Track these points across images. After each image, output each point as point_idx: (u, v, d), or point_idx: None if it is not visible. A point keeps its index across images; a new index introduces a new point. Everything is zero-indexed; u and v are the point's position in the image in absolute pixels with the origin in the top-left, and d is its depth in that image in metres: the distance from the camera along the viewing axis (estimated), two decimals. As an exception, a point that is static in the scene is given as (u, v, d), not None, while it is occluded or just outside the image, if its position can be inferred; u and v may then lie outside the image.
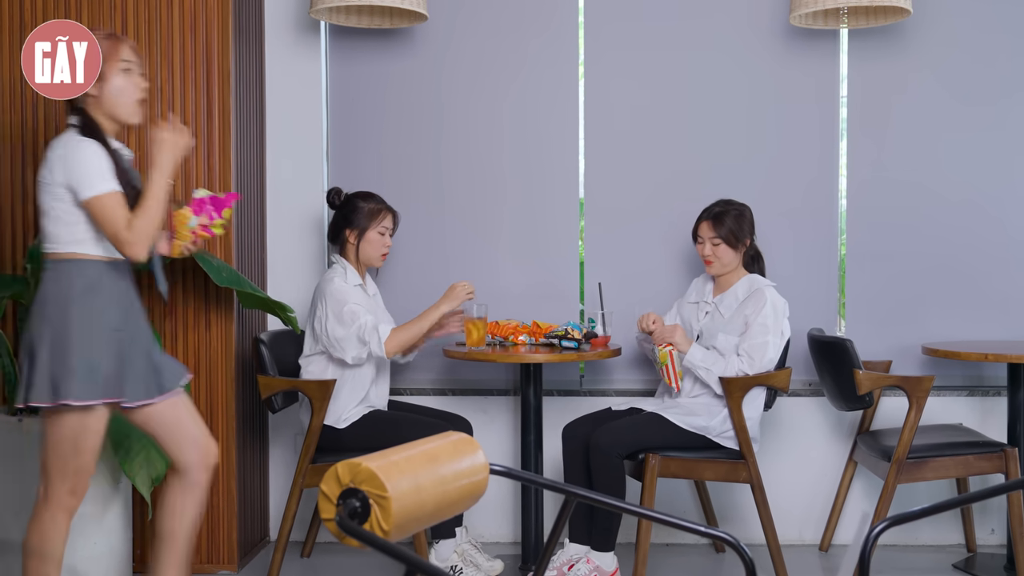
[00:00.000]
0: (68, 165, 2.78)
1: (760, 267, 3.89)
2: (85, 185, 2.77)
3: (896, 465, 3.64)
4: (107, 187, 2.77)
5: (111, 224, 2.77)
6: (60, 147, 2.83)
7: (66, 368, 2.75)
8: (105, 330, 2.80)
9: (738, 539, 1.87)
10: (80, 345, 2.77)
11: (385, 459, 1.62)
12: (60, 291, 2.80)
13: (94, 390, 2.77)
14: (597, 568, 3.60)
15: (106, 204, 2.77)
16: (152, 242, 2.83)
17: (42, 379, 2.75)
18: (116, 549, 3.50)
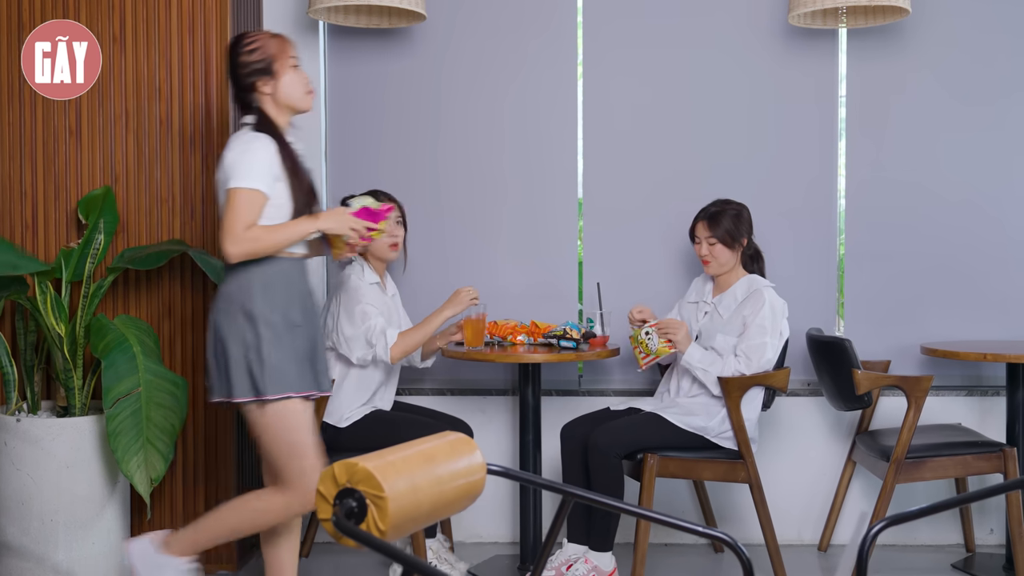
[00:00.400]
0: (236, 156, 2.89)
1: (760, 267, 3.88)
2: (235, 175, 2.87)
3: (895, 465, 3.64)
4: (253, 184, 2.86)
5: (234, 217, 2.84)
6: (236, 142, 2.94)
7: (260, 363, 2.85)
8: (289, 325, 2.91)
9: (736, 539, 1.87)
10: (269, 340, 2.85)
11: (382, 459, 1.62)
12: (244, 288, 2.90)
13: (289, 383, 2.88)
14: (595, 568, 3.60)
15: (243, 198, 2.85)
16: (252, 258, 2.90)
17: (240, 376, 2.87)
18: (115, 549, 3.51)
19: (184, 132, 3.80)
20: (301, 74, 3.08)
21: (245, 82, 3.04)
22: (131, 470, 3.33)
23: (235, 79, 3.06)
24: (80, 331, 3.53)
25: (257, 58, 3.03)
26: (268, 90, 3.03)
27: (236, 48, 3.06)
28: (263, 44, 3.05)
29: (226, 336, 2.90)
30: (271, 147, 2.93)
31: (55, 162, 3.80)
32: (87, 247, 3.64)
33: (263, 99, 3.03)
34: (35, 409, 3.58)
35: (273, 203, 2.92)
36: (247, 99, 3.05)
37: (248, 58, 3.03)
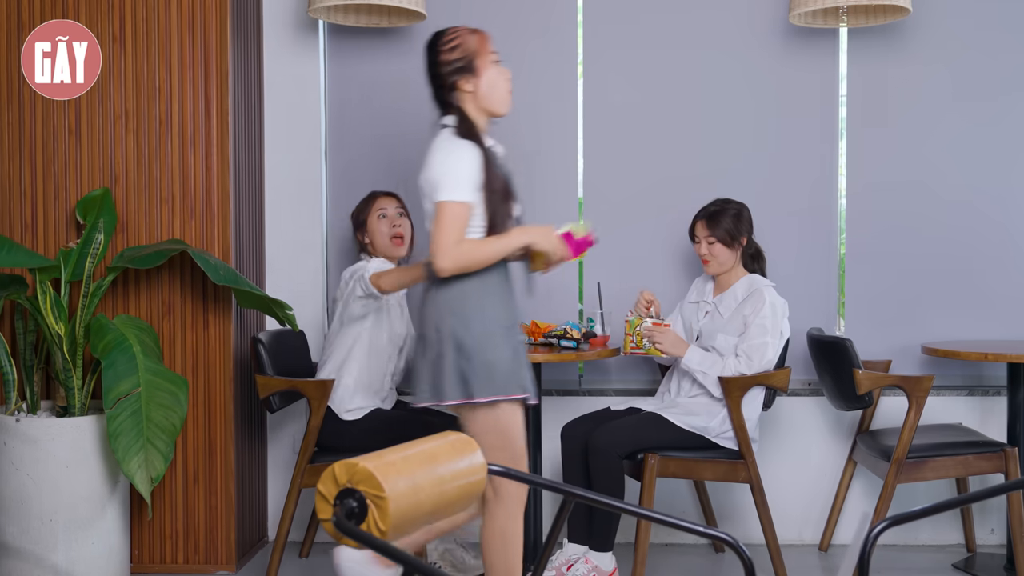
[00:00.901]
0: (443, 165, 2.83)
1: (761, 266, 3.88)
2: (445, 187, 2.81)
3: (896, 465, 3.64)
4: (462, 196, 2.81)
5: (446, 232, 2.78)
6: (441, 150, 2.88)
7: (472, 366, 2.79)
8: (500, 327, 2.85)
9: (737, 539, 1.87)
10: (481, 343, 2.81)
11: (382, 459, 1.61)
12: (455, 292, 2.84)
13: (498, 386, 2.81)
14: (595, 568, 3.59)
15: (455, 212, 2.80)
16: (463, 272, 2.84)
17: (452, 379, 2.80)
18: (114, 549, 3.50)
19: (184, 132, 3.80)
20: (504, 71, 3.02)
21: (447, 81, 2.95)
22: (132, 470, 3.32)
23: (435, 78, 2.98)
24: (80, 331, 3.53)
25: (458, 56, 2.96)
26: (470, 88, 2.95)
27: (435, 46, 2.99)
28: (463, 40, 2.99)
29: (441, 340, 2.83)
30: (476, 155, 2.86)
31: (55, 162, 3.80)
32: (87, 247, 3.63)
33: (464, 98, 2.95)
34: (35, 409, 3.57)
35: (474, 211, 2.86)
36: (448, 99, 2.97)
37: (448, 56, 2.96)
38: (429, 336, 2.86)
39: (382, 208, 3.80)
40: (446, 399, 2.82)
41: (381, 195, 3.84)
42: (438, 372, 2.83)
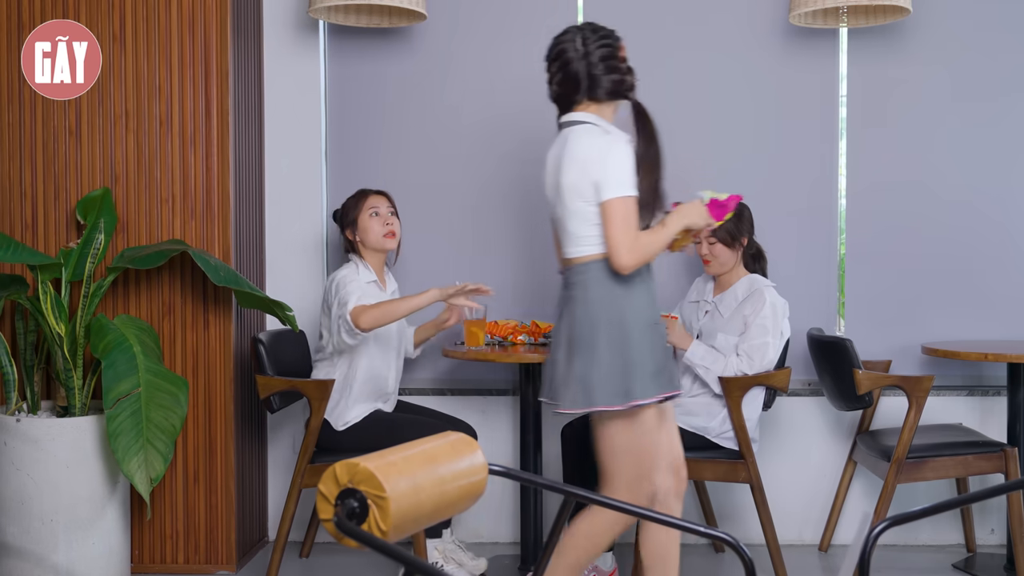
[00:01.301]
0: (606, 163, 2.76)
1: (762, 266, 3.88)
2: (615, 183, 2.76)
3: (896, 465, 3.64)
4: (631, 191, 2.77)
5: (625, 229, 2.75)
6: (591, 147, 2.80)
7: (632, 369, 2.75)
8: (649, 325, 2.82)
9: (737, 539, 1.87)
10: (637, 344, 2.77)
11: (383, 459, 1.61)
12: (606, 292, 2.80)
13: (657, 386, 2.79)
14: (596, 568, 3.59)
15: (628, 208, 2.76)
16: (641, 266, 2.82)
17: (609, 383, 2.75)
18: (115, 549, 3.50)
19: (184, 132, 3.80)
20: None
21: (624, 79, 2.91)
22: (131, 470, 3.32)
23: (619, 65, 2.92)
24: (80, 331, 3.53)
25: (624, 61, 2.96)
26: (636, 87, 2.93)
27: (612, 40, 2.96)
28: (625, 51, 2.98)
29: (595, 344, 2.77)
30: (631, 149, 2.82)
31: (55, 162, 3.80)
32: (87, 247, 3.63)
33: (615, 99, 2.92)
34: (35, 409, 3.57)
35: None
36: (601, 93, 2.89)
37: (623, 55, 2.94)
38: (582, 342, 2.79)
39: (374, 206, 3.77)
40: (601, 404, 2.75)
41: (372, 193, 3.82)
42: (593, 378, 2.76)
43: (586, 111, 2.91)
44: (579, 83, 2.91)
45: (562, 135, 2.93)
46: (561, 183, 2.85)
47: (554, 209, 2.93)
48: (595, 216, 2.80)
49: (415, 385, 4.29)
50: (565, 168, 2.84)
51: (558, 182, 2.86)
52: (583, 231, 2.83)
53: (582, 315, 2.81)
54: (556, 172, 2.88)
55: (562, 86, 2.94)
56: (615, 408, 2.76)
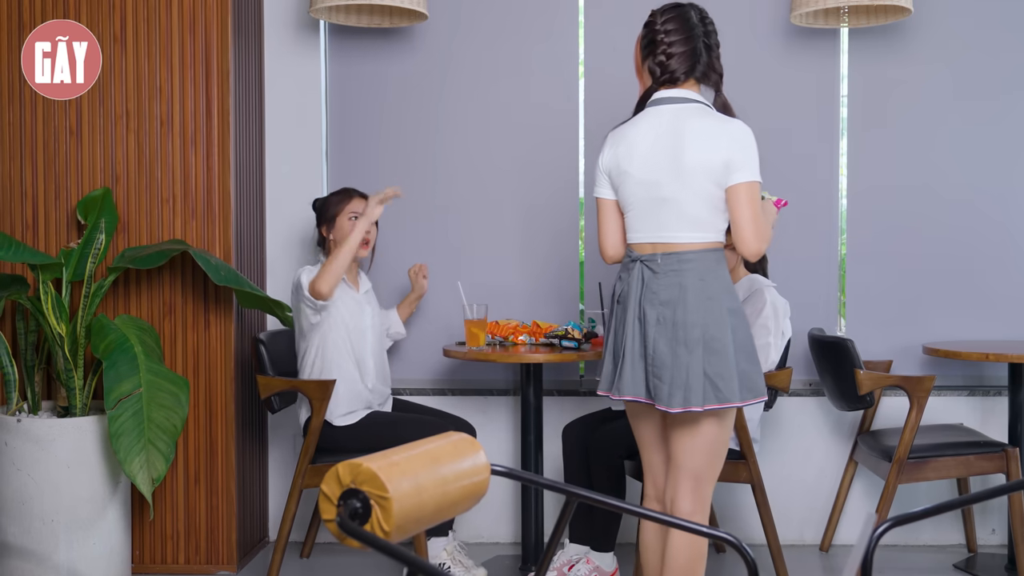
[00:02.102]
0: (740, 144, 2.67)
1: (763, 266, 3.88)
2: (750, 166, 2.66)
3: (897, 465, 3.64)
4: (758, 176, 2.68)
5: (757, 213, 2.65)
6: (726, 128, 2.69)
7: (753, 363, 2.68)
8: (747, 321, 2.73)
9: (740, 539, 1.86)
10: (750, 338, 2.70)
11: (386, 459, 1.61)
12: (725, 283, 2.69)
13: (764, 382, 2.73)
14: (597, 568, 3.59)
15: (756, 192, 2.67)
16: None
17: (734, 378, 2.63)
18: (116, 549, 3.50)
19: (185, 132, 3.80)
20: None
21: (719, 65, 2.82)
22: (133, 470, 3.32)
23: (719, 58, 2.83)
24: (81, 331, 3.52)
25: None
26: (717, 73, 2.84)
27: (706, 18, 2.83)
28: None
29: (724, 338, 2.64)
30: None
31: (56, 162, 3.80)
32: (88, 247, 3.63)
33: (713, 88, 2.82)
34: (36, 409, 3.57)
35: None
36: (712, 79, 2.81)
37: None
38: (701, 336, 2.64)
39: (356, 211, 3.76)
40: (731, 401, 2.64)
41: (357, 196, 3.80)
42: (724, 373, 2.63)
43: (693, 90, 2.78)
44: (697, 60, 2.77)
45: (667, 111, 2.74)
46: (687, 162, 2.67)
47: (658, 190, 2.71)
48: (721, 202, 2.68)
49: (415, 385, 4.29)
50: (692, 146, 2.67)
51: (678, 161, 2.68)
52: (707, 216, 2.69)
53: (704, 308, 2.64)
54: (672, 150, 2.69)
55: (678, 59, 2.76)
56: (747, 404, 2.68)
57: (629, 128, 2.82)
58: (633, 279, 2.76)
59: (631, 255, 2.81)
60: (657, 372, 2.68)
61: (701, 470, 2.76)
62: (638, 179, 2.75)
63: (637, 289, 2.74)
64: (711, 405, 2.65)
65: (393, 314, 4.04)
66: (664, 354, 2.67)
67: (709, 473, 2.78)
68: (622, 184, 2.80)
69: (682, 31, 2.77)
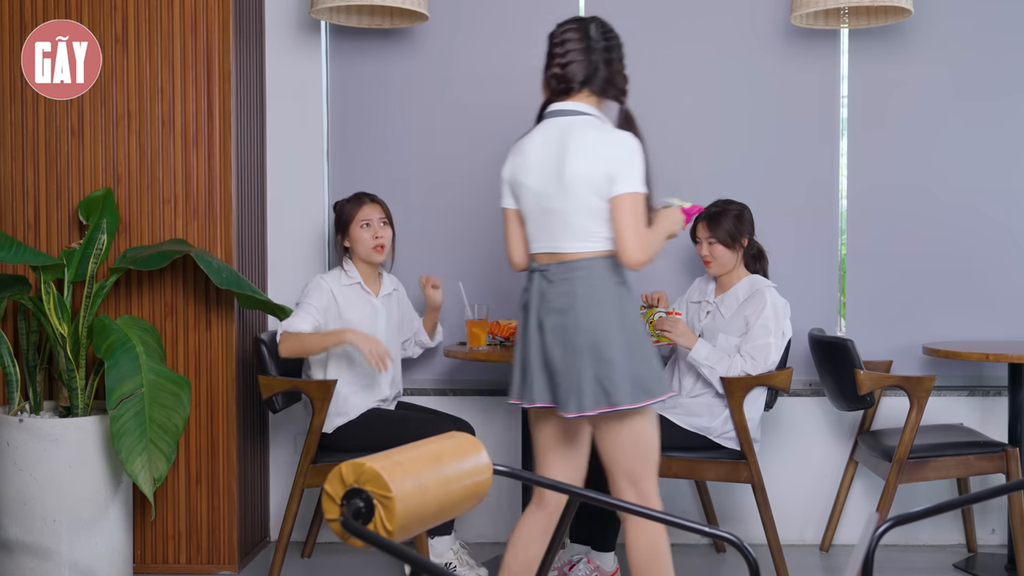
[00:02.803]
0: (621, 155, 2.71)
1: (763, 267, 3.88)
2: (628, 179, 2.70)
3: (897, 465, 3.64)
4: (641, 187, 2.72)
5: (638, 224, 2.69)
6: (607, 140, 2.75)
7: (646, 366, 2.71)
8: (643, 324, 2.80)
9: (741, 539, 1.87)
10: (646, 341, 2.74)
11: (389, 459, 1.62)
12: (614, 290, 2.73)
13: (665, 382, 2.76)
14: (598, 568, 3.60)
15: (640, 204, 2.71)
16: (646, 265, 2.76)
17: (624, 381, 2.67)
18: (117, 549, 3.51)
19: (187, 132, 3.80)
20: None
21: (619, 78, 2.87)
22: (135, 470, 3.33)
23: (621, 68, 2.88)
24: (83, 331, 3.53)
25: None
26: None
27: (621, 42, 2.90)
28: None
29: (611, 343, 2.69)
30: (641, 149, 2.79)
31: (57, 162, 3.80)
32: (89, 247, 3.64)
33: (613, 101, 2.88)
34: (38, 409, 3.58)
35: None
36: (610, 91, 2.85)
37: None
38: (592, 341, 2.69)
39: (367, 218, 3.75)
40: (622, 403, 2.68)
41: (367, 202, 3.79)
42: (614, 377, 2.67)
43: (586, 103, 2.83)
44: (594, 72, 2.82)
45: (557, 124, 2.80)
46: (568, 174, 2.73)
47: (547, 201, 2.77)
48: (605, 211, 2.72)
49: (416, 385, 4.29)
50: (574, 159, 2.73)
51: (562, 173, 2.74)
52: (591, 226, 2.73)
53: (592, 314, 2.70)
54: (557, 162, 2.75)
55: (571, 70, 2.81)
56: (638, 406, 2.70)
57: (525, 140, 2.89)
58: (533, 288, 2.83)
59: (531, 265, 2.88)
60: (555, 378, 2.75)
61: (632, 469, 2.80)
62: (531, 190, 2.82)
63: (536, 298, 2.80)
64: (602, 408, 2.69)
65: (417, 323, 4.00)
66: (559, 360, 2.73)
67: (643, 470, 2.80)
68: (519, 195, 2.88)
69: (577, 43, 2.83)
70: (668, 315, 3.72)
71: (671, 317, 3.70)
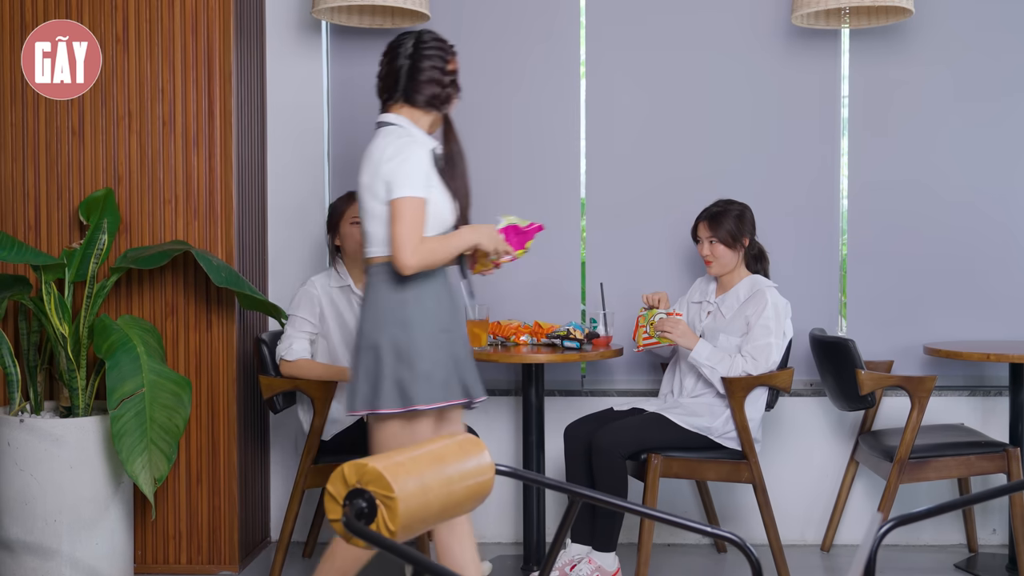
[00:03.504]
0: (395, 161, 2.78)
1: (764, 267, 3.88)
2: (401, 184, 2.76)
3: (898, 465, 3.64)
4: (419, 192, 2.76)
5: (409, 229, 2.73)
6: (387, 147, 2.82)
7: (413, 373, 2.74)
8: (437, 331, 2.81)
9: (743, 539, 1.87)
10: (421, 348, 2.76)
11: (391, 459, 1.62)
12: (393, 294, 2.79)
13: (441, 393, 2.79)
14: (599, 568, 3.59)
15: (416, 208, 2.75)
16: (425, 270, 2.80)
17: (390, 386, 2.74)
18: (118, 549, 3.51)
19: (187, 132, 3.80)
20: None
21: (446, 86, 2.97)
22: (135, 470, 3.33)
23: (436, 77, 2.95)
24: (84, 331, 3.53)
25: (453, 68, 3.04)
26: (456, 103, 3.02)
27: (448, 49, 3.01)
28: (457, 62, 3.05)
29: (379, 346, 2.77)
30: (427, 153, 2.85)
31: (57, 162, 3.80)
32: (90, 247, 3.64)
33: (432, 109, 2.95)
34: (38, 409, 3.58)
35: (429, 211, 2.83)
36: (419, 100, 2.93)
37: (454, 66, 3.02)
38: (367, 343, 2.80)
39: (356, 214, 3.77)
40: (383, 407, 2.75)
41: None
42: (377, 380, 2.76)
43: (399, 113, 2.94)
44: (397, 83, 2.95)
45: (374, 135, 2.95)
46: (359, 184, 2.87)
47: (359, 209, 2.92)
48: (387, 217, 2.79)
49: (417, 385, 4.29)
50: (362, 167, 2.87)
51: (358, 183, 2.88)
52: (379, 232, 2.81)
53: (371, 317, 2.81)
54: (358, 172, 2.90)
55: (383, 82, 2.99)
56: (393, 411, 2.75)
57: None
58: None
59: None
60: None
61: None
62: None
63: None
64: (366, 410, 2.78)
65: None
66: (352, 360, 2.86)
67: None
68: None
69: (387, 56, 3.00)
70: (669, 316, 3.72)
71: (671, 318, 3.70)
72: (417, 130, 2.91)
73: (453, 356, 2.83)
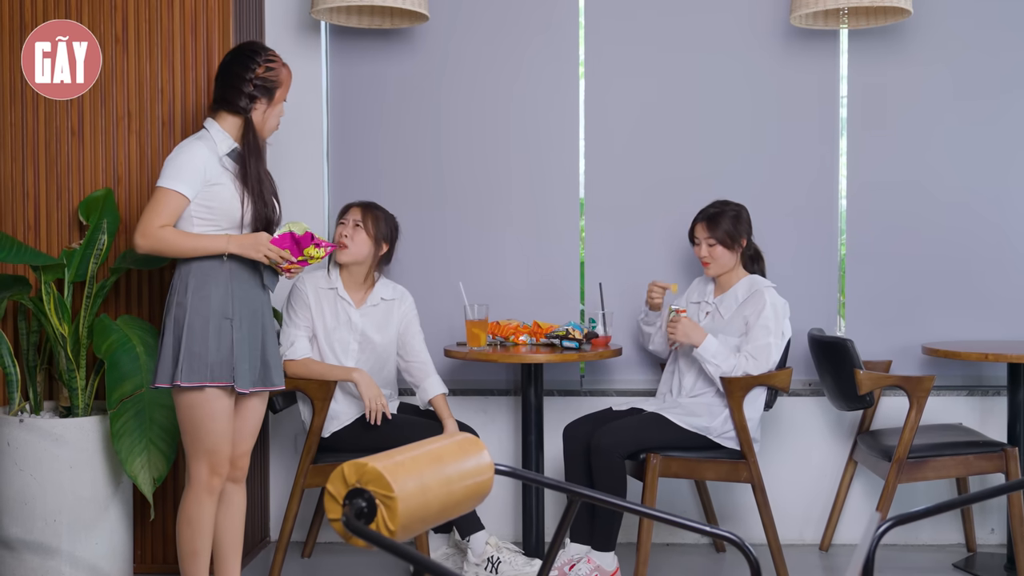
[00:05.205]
0: (172, 156, 3.06)
1: (760, 267, 3.89)
2: (162, 175, 3.03)
3: (897, 465, 3.65)
4: (173, 185, 3.00)
5: (149, 213, 3.00)
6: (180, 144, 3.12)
7: (181, 352, 2.98)
8: (215, 318, 3.01)
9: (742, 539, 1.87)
10: (192, 331, 2.99)
11: (391, 459, 1.62)
12: (181, 282, 3.05)
13: (203, 373, 2.98)
14: (598, 568, 3.60)
15: (167, 199, 3.00)
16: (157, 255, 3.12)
17: (164, 363, 3.02)
18: (118, 549, 3.51)
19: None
20: (282, 110, 3.25)
21: (246, 91, 3.11)
22: (135, 470, 3.33)
23: (237, 83, 3.12)
24: (83, 331, 3.53)
25: (271, 76, 3.15)
26: (261, 108, 3.15)
27: (256, 57, 3.15)
28: (279, 69, 3.18)
29: (164, 327, 3.05)
30: (208, 155, 3.05)
31: (57, 162, 3.80)
32: (90, 247, 3.64)
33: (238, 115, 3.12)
34: (38, 409, 3.58)
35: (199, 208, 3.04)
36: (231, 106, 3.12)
37: (265, 73, 3.14)
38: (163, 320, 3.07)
39: (344, 218, 3.79)
40: (156, 381, 3.02)
41: (355, 205, 3.80)
42: (159, 355, 3.03)
43: (215, 119, 3.14)
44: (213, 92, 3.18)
45: None
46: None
47: None
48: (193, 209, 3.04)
49: (416, 385, 4.30)
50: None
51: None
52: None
53: (167, 301, 3.08)
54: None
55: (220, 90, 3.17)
56: (162, 386, 3.02)
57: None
58: None
59: None
60: None
61: (184, 445, 3.11)
62: None
63: None
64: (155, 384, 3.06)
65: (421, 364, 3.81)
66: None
67: (189, 450, 3.09)
68: None
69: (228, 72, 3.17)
70: (678, 312, 3.71)
71: (673, 318, 3.70)
72: (219, 132, 3.11)
73: (230, 343, 3.01)
